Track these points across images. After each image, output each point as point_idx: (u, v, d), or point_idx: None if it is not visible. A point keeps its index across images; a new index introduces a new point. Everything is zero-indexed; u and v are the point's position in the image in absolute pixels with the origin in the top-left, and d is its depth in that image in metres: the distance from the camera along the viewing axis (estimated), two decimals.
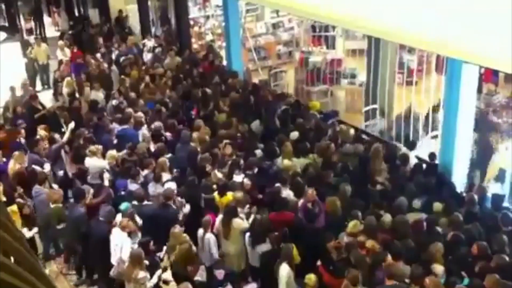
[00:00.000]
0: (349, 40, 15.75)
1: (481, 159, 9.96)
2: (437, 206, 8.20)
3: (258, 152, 10.02)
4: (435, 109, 11.28)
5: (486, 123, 10.55)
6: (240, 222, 8.11)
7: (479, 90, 10.16)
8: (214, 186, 8.88)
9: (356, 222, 7.74)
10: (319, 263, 7.61)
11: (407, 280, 6.86)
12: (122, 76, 13.30)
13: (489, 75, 12.12)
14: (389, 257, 7.08)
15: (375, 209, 8.25)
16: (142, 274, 7.31)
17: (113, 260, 7.92)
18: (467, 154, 9.46)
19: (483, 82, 11.83)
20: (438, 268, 7.00)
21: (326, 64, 14.79)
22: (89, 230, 8.32)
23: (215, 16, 18.44)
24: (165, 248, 8.24)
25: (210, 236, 8.03)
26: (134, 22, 17.95)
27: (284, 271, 7.31)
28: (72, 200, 8.83)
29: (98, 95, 12.35)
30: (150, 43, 15.91)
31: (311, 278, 7.10)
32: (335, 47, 15.98)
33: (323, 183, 9.00)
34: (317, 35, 16.57)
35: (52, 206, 8.72)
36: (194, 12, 18.21)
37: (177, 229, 7.92)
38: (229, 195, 8.54)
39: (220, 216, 8.26)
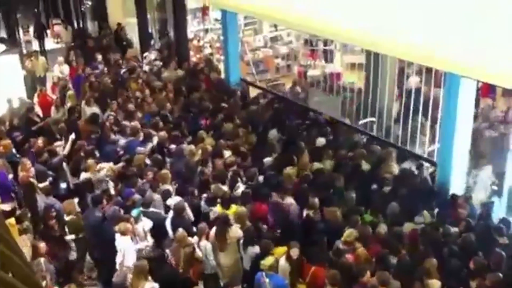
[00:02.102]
0: (348, 54, 15.75)
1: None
2: (426, 215, 8.31)
3: (266, 160, 10.05)
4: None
5: (484, 137, 10.60)
6: (237, 230, 8.13)
7: (476, 105, 10.18)
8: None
9: (351, 231, 7.83)
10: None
11: None
12: (120, 90, 13.34)
13: (486, 90, 12.15)
14: (368, 274, 7.11)
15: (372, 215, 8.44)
16: (148, 285, 7.32)
17: (117, 265, 8.03)
18: (464, 168, 9.46)
19: (480, 97, 11.85)
20: (435, 284, 7.00)
21: (324, 77, 14.83)
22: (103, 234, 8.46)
23: (213, 30, 18.51)
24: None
25: (206, 244, 8.03)
26: (133, 35, 18.01)
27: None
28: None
29: (93, 109, 12.32)
30: (151, 56, 15.95)
31: (268, 260, 7.27)
32: (333, 61, 16.02)
33: (330, 189, 9.17)
34: (315, 49, 16.64)
35: (67, 218, 8.76)
36: (193, 25, 18.29)
37: (181, 232, 7.97)
38: (234, 208, 8.58)
39: (214, 229, 8.24)
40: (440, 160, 9.68)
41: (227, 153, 10.26)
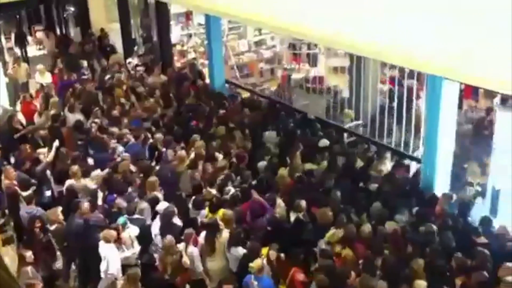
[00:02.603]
0: (331, 58, 15.84)
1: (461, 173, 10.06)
2: (399, 218, 8.41)
3: (261, 164, 10.10)
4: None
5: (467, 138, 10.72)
6: (227, 235, 8.12)
7: (459, 106, 10.29)
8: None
9: (334, 232, 7.89)
10: None
11: None
12: (104, 96, 13.27)
13: (469, 92, 12.28)
14: (353, 276, 7.17)
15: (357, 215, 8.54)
16: None
17: (102, 273, 7.97)
18: (448, 169, 9.54)
19: (463, 98, 11.97)
20: (421, 285, 7.04)
21: (307, 80, 14.90)
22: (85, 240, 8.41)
23: (197, 34, 18.50)
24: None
25: (193, 250, 8.00)
26: (116, 41, 17.93)
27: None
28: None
29: (76, 116, 12.23)
30: (134, 61, 15.88)
31: (256, 262, 7.30)
32: (317, 65, 16.10)
33: (320, 189, 9.25)
34: (298, 52, 16.71)
35: (52, 228, 8.69)
36: (176, 30, 18.26)
37: (168, 240, 7.93)
38: (221, 211, 8.58)
39: (203, 234, 8.23)
40: (424, 161, 9.76)
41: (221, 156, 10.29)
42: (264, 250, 7.82)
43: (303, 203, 8.59)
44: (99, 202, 9.35)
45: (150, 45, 17.36)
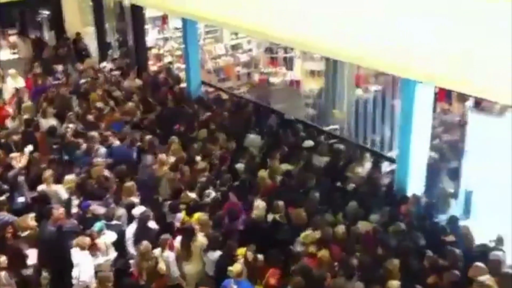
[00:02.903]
0: (308, 61, 15.93)
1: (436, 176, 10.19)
2: (373, 218, 8.53)
3: (239, 166, 10.15)
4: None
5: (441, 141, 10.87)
6: (202, 239, 8.10)
7: (433, 109, 10.42)
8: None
9: (309, 233, 7.94)
10: None
11: None
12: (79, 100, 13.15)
13: (442, 95, 12.44)
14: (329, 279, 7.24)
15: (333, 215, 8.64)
16: None
17: (74, 280, 7.88)
18: (422, 172, 9.65)
19: (437, 101, 12.12)
20: (394, 284, 7.11)
21: (285, 85, 14.98)
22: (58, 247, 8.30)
23: (174, 38, 18.45)
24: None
25: (169, 255, 7.94)
26: (91, 44, 17.77)
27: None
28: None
29: (49, 121, 12.07)
30: (109, 65, 15.77)
31: (236, 267, 7.32)
32: (293, 68, 16.19)
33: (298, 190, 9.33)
34: (275, 56, 16.78)
35: (23, 234, 8.54)
36: (152, 34, 18.19)
37: (144, 246, 7.87)
38: (196, 215, 8.57)
39: (178, 238, 8.20)
40: (398, 162, 9.86)
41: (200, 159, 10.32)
42: (241, 251, 7.82)
43: (281, 204, 8.65)
44: (75, 208, 9.22)
45: (125, 49, 17.26)
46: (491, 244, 8.00)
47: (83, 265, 7.81)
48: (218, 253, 7.94)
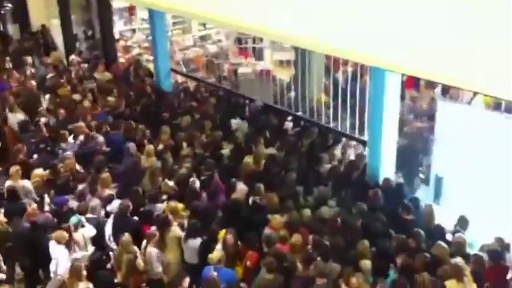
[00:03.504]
0: (277, 51, 15.92)
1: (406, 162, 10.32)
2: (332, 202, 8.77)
3: (225, 151, 10.30)
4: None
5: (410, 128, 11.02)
6: (174, 229, 8.12)
7: (402, 97, 10.54)
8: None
9: (276, 217, 8.06)
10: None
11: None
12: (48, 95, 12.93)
13: (410, 83, 12.57)
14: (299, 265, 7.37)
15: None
16: (82, 286, 7.27)
17: (52, 273, 7.84)
18: (393, 158, 9.78)
19: (406, 89, 12.25)
20: (366, 263, 7.33)
21: (255, 75, 14.97)
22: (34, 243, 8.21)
23: (141, 30, 18.23)
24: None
25: (152, 250, 7.91)
26: (57, 37, 17.43)
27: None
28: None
29: (17, 116, 11.85)
30: (77, 58, 15.50)
31: (216, 254, 7.44)
32: (264, 59, 16.18)
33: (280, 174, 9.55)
34: (245, 47, 16.73)
35: None
36: (120, 26, 17.93)
37: (126, 237, 7.83)
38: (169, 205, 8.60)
39: (153, 228, 8.17)
40: (370, 149, 9.98)
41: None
42: (221, 234, 7.91)
43: (261, 187, 8.78)
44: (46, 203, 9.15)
45: (92, 41, 16.99)
46: (455, 226, 8.24)
47: (60, 259, 7.77)
48: (199, 240, 7.97)
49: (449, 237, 8.14)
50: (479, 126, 8.80)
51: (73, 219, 8.15)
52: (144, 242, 8.00)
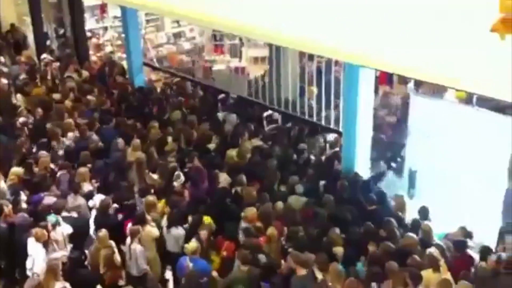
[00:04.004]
0: (251, 48, 15.89)
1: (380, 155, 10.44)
2: (299, 188, 8.88)
3: (211, 146, 10.47)
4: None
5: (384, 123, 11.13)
6: (150, 230, 8.11)
7: (375, 92, 10.63)
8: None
9: (250, 209, 8.17)
10: None
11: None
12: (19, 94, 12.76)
13: (384, 78, 12.68)
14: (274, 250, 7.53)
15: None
16: (59, 285, 7.21)
17: (28, 271, 7.78)
18: (367, 152, 9.89)
19: (379, 85, 12.35)
20: (338, 250, 7.48)
21: (230, 72, 14.94)
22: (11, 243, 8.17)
23: (113, 27, 18.03)
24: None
25: (136, 246, 7.89)
26: (29, 35, 17.14)
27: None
28: None
29: None
30: (49, 57, 15.27)
31: (191, 244, 7.51)
32: (240, 55, 16.14)
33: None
34: (219, 44, 16.67)
35: None
36: (91, 23, 17.71)
37: (103, 232, 7.82)
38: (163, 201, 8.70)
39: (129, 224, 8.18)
40: (344, 145, 10.08)
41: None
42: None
43: (243, 178, 8.94)
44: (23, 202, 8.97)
45: (64, 39, 16.75)
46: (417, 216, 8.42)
47: (37, 257, 7.71)
48: (181, 229, 8.05)
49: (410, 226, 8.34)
50: (452, 120, 8.93)
51: (52, 218, 8.09)
52: (128, 238, 7.97)
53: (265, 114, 12.30)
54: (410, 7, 6.04)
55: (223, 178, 9.26)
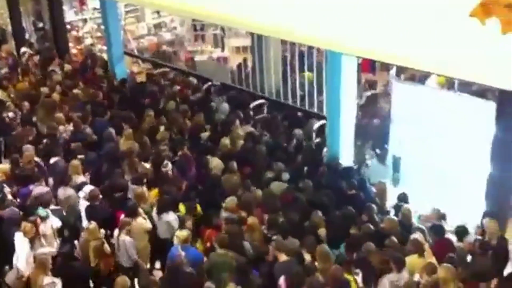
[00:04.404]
0: (233, 38, 15.83)
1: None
2: (285, 175, 9.03)
3: (204, 135, 10.56)
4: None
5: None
6: (142, 223, 8.07)
7: (358, 80, 10.64)
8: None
9: (231, 198, 8.21)
10: None
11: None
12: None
13: (366, 66, 12.69)
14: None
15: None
16: (48, 280, 7.14)
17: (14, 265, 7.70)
18: (351, 139, 9.92)
19: (362, 72, 12.37)
20: (322, 232, 7.68)
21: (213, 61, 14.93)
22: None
23: (93, 19, 17.82)
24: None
25: (125, 238, 7.83)
26: (6, 28, 16.88)
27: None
28: None
29: None
30: (29, 50, 15.08)
31: (182, 233, 7.52)
32: (223, 45, 16.09)
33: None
34: (201, 34, 16.60)
35: None
36: (70, 16, 17.48)
37: (92, 225, 7.78)
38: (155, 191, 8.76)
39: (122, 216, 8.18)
40: (328, 133, 10.11)
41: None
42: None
43: (234, 164, 9.05)
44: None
45: (43, 32, 16.52)
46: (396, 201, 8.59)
47: (21, 252, 7.62)
48: (172, 214, 8.07)
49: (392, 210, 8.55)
50: (434, 106, 8.96)
51: (41, 212, 8.00)
52: (117, 230, 7.93)
53: (251, 105, 12.26)
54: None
55: (215, 164, 9.33)
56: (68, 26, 16.85)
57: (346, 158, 9.78)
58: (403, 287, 6.59)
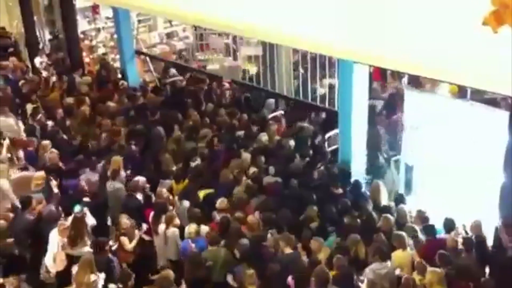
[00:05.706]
0: (244, 46, 15.85)
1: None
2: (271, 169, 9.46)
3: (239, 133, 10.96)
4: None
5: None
6: (174, 231, 8.21)
7: (370, 88, 10.60)
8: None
9: (222, 199, 8.43)
10: None
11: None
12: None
13: (377, 74, 12.66)
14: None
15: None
16: (93, 277, 7.24)
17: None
18: (363, 147, 9.90)
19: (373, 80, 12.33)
20: (313, 225, 8.09)
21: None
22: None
23: (106, 28, 17.97)
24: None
25: (174, 230, 8.14)
26: (19, 39, 17.05)
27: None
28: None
29: (8, 121, 11.52)
30: (45, 60, 15.23)
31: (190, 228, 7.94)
32: (235, 54, 16.14)
33: None
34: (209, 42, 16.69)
35: None
36: (83, 25, 17.64)
37: (123, 222, 8.21)
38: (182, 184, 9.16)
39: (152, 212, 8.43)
40: (340, 142, 10.12)
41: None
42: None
43: (262, 158, 9.73)
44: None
45: (56, 42, 16.66)
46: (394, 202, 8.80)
47: (50, 249, 7.85)
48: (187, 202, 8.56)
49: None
50: (446, 114, 8.92)
51: (77, 207, 8.12)
52: (163, 225, 8.19)
53: (270, 116, 12.35)
54: (404, 2, 6.03)
55: (245, 156, 9.82)
56: (81, 36, 17.00)
57: (358, 166, 9.75)
58: (384, 276, 6.96)
